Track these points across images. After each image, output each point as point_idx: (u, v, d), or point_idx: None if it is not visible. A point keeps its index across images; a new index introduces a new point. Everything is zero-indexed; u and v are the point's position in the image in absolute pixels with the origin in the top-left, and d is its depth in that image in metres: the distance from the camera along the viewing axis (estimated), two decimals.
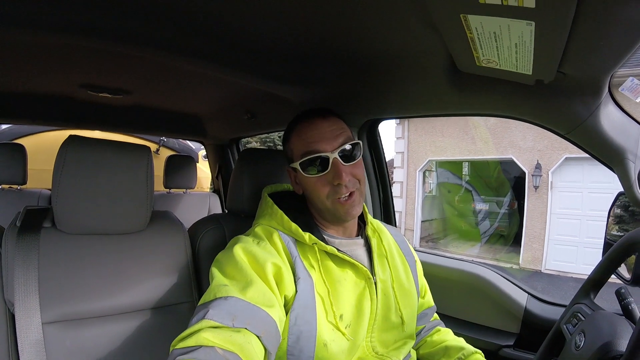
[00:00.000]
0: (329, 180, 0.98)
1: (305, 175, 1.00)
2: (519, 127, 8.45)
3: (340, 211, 0.99)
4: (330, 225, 1.07)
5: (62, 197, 1.02)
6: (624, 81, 0.98)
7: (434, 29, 0.84)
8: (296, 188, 1.09)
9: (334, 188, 0.98)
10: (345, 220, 1.04)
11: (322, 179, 0.98)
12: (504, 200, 10.25)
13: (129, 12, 0.97)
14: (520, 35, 0.69)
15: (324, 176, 0.98)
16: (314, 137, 0.99)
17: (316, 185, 0.99)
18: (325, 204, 1.00)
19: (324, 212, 1.03)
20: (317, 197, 1.01)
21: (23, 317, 0.93)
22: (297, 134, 1.03)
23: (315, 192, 1.00)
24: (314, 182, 0.99)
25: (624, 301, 0.89)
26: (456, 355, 1.12)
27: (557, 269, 8.32)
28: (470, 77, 1.03)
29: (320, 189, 0.99)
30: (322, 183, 0.98)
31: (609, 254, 0.96)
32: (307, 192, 1.05)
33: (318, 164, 0.98)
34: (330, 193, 0.98)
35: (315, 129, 1.00)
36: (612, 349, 0.74)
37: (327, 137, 0.99)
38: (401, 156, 10.80)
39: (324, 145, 0.98)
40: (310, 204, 1.09)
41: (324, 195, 0.99)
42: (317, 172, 0.98)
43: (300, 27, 1.01)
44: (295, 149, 1.03)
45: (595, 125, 0.97)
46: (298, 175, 1.04)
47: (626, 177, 0.99)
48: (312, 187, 1.00)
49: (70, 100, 2.05)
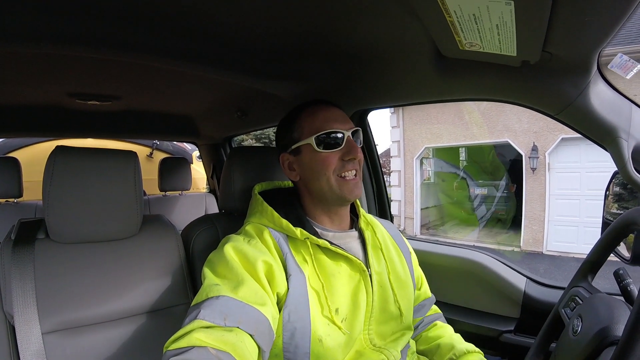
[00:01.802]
0: (340, 157, 1.01)
1: (318, 150, 1.01)
2: (513, 110, 8.43)
3: (345, 190, 1.01)
4: (324, 216, 1.07)
5: (53, 208, 1.03)
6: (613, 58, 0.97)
7: (416, 16, 0.83)
8: (292, 175, 1.09)
9: (343, 164, 1.01)
10: (347, 200, 1.05)
11: (334, 154, 1.01)
12: (502, 183, 10.25)
13: (112, 18, 0.97)
14: (501, 16, 0.67)
15: (336, 152, 1.01)
16: (330, 117, 1.04)
17: (326, 161, 1.01)
18: (330, 182, 1.01)
19: (326, 194, 1.03)
20: (323, 175, 1.01)
21: (23, 328, 0.94)
22: (307, 115, 1.06)
23: (324, 168, 1.01)
24: (325, 157, 1.01)
25: (622, 282, 0.88)
26: (447, 355, 1.12)
27: (559, 250, 8.33)
28: (456, 62, 1.02)
29: (330, 164, 1.01)
30: (332, 158, 1.01)
31: (605, 235, 0.95)
32: (310, 173, 1.05)
33: (333, 140, 1.01)
34: (337, 168, 1.01)
35: (328, 111, 1.06)
36: (610, 334, 0.72)
37: (340, 119, 1.05)
38: (397, 145, 10.77)
39: (338, 125, 1.03)
40: (307, 192, 1.08)
41: (331, 170, 1.01)
42: (332, 148, 1.01)
43: (285, 23, 1.01)
44: (307, 128, 1.04)
45: (586, 105, 0.96)
46: (301, 156, 1.05)
47: (619, 156, 0.97)
48: (321, 162, 1.01)
49: (59, 109, 2.05)
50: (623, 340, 0.61)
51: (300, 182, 1.09)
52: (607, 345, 0.72)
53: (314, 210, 1.08)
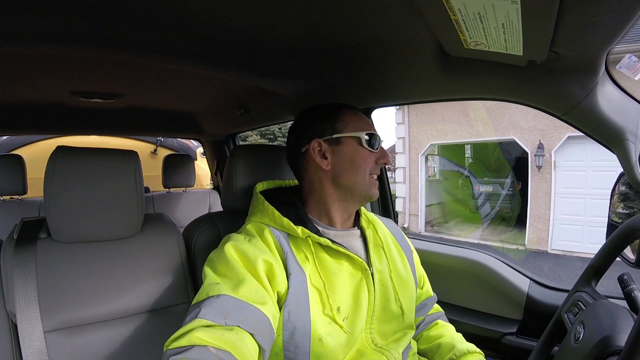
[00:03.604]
0: (376, 159, 1.07)
1: (364, 147, 1.06)
2: (519, 107, 8.35)
3: (373, 187, 1.07)
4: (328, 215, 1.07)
5: (54, 208, 1.04)
6: (621, 58, 0.95)
7: (419, 14, 0.81)
8: (322, 163, 1.06)
9: (375, 166, 1.08)
10: (371, 199, 1.09)
11: (373, 155, 1.07)
12: (507, 181, 10.20)
13: (114, 17, 0.96)
14: (507, 15, 0.65)
15: (375, 153, 1.08)
16: (370, 122, 1.13)
17: (367, 159, 1.06)
18: (364, 178, 1.05)
19: (357, 188, 1.05)
20: (362, 170, 1.05)
21: (25, 327, 0.95)
22: (353, 113, 1.12)
23: (364, 164, 1.05)
24: (367, 154, 1.06)
25: (627, 288, 0.86)
26: (447, 355, 1.11)
27: (563, 249, 8.30)
28: (461, 60, 1.01)
29: (369, 162, 1.06)
30: (372, 158, 1.07)
31: (610, 240, 0.93)
32: (347, 164, 1.06)
33: (374, 142, 1.08)
34: (372, 167, 1.07)
35: (366, 118, 1.14)
36: (612, 344, 0.71)
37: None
38: (402, 142, 10.75)
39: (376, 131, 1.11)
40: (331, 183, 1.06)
41: (367, 168, 1.06)
42: (372, 148, 1.07)
43: (287, 21, 1.00)
44: (352, 124, 1.08)
45: (593, 106, 0.94)
46: (341, 147, 1.06)
47: (626, 158, 0.95)
48: (362, 159, 1.05)
49: (62, 107, 2.06)
50: (625, 351, 0.60)
51: (328, 173, 1.06)
52: (609, 355, 0.71)
53: (316, 209, 1.08)
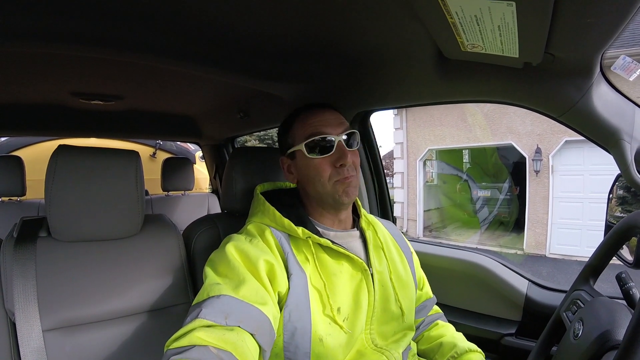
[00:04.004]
0: (332, 162, 1.00)
1: (309, 157, 1.01)
2: (517, 112, 8.40)
3: (339, 190, 1.01)
4: (325, 217, 1.08)
5: (55, 207, 1.04)
6: (616, 60, 0.96)
7: (417, 18, 0.83)
8: (290, 178, 1.11)
9: (336, 170, 1.00)
10: (341, 202, 1.03)
11: (325, 160, 1.01)
12: (505, 186, 10.22)
13: (115, 18, 0.98)
14: (502, 17, 0.67)
15: (327, 157, 1.01)
16: (320, 122, 1.03)
17: (319, 167, 1.01)
18: (325, 187, 1.01)
19: (323, 197, 1.04)
20: (318, 180, 1.02)
21: (24, 325, 0.95)
22: (301, 120, 1.06)
23: (317, 174, 1.01)
24: (317, 163, 1.01)
25: (625, 286, 0.87)
26: (449, 353, 1.11)
27: (562, 253, 8.30)
28: (458, 63, 1.02)
29: (323, 170, 1.01)
30: (325, 164, 1.01)
31: (607, 238, 0.94)
32: (305, 178, 1.06)
33: (323, 145, 1.01)
34: (332, 174, 1.01)
35: (320, 116, 1.05)
36: (611, 338, 0.72)
37: (331, 123, 1.04)
38: (400, 147, 10.77)
39: (329, 129, 1.02)
40: (305, 194, 1.09)
41: (326, 176, 1.01)
42: (322, 154, 1.01)
43: (287, 25, 1.01)
44: (299, 134, 1.05)
45: (588, 107, 0.95)
46: (296, 161, 1.06)
47: (622, 158, 0.96)
48: (314, 169, 1.02)
49: (62, 108, 2.06)
50: (624, 345, 0.61)
51: (299, 185, 1.10)
52: (608, 349, 0.72)
53: (315, 210, 1.08)
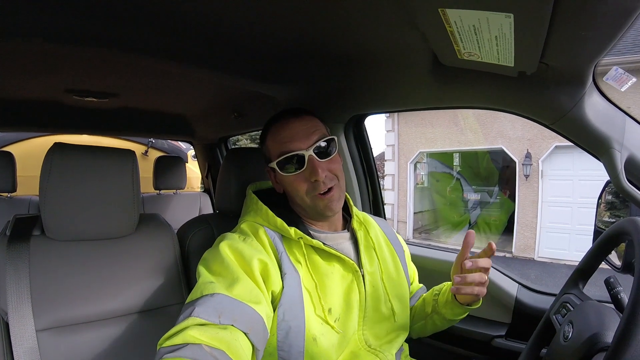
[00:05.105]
0: (306, 177, 0.99)
1: (283, 174, 1.01)
2: (507, 117, 8.46)
3: (320, 206, 1.00)
4: (314, 221, 1.08)
5: (50, 205, 1.03)
6: (609, 70, 0.98)
7: (414, 24, 0.83)
8: (277, 187, 1.10)
9: (312, 185, 0.99)
10: (325, 216, 1.04)
11: (299, 177, 1.00)
12: (494, 189, 10.30)
13: (112, 16, 0.97)
14: (500, 28, 0.68)
15: (301, 174, 0.99)
16: (288, 136, 1.01)
17: (294, 183, 1.00)
18: (305, 201, 1.01)
19: (306, 209, 1.04)
20: (296, 195, 1.02)
21: (17, 325, 0.94)
22: (271, 135, 1.05)
23: (295, 190, 1.01)
24: (292, 180, 1.00)
25: (613, 290, 0.89)
26: (431, 298, 1.16)
27: (550, 257, 8.38)
28: (453, 70, 1.03)
29: (299, 186, 1.00)
30: (300, 181, 1.00)
31: (597, 243, 0.96)
32: (287, 191, 1.06)
33: (294, 162, 0.99)
34: (308, 190, 1.00)
35: (288, 129, 1.02)
36: (600, 341, 0.74)
37: (300, 136, 1.00)
38: (392, 149, 10.78)
39: (298, 144, 0.99)
40: (291, 202, 1.09)
41: (303, 192, 1.00)
42: (295, 170, 0.99)
43: (283, 27, 1.01)
44: (272, 150, 1.04)
45: (580, 115, 0.97)
46: (277, 174, 1.04)
47: (612, 166, 0.98)
48: (290, 185, 1.02)
49: (56, 105, 2.04)
50: (613, 347, 0.62)
51: (286, 194, 1.09)
52: (597, 351, 0.73)
53: (304, 216, 1.08)
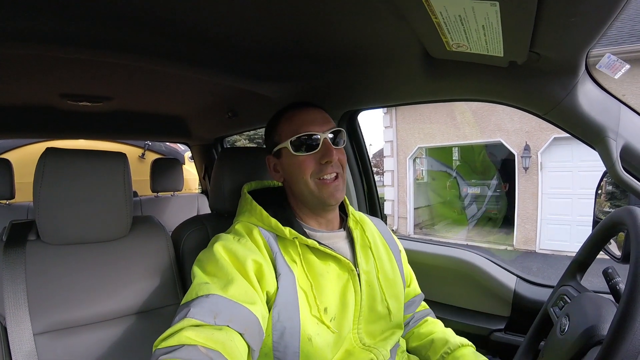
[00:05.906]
0: (317, 159, 1.01)
1: (295, 154, 1.01)
2: (505, 110, 8.46)
3: (324, 193, 1.01)
4: (311, 218, 1.08)
5: (44, 210, 1.03)
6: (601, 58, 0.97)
7: (402, 17, 0.83)
8: (276, 177, 1.11)
9: (321, 167, 1.01)
10: (328, 204, 1.04)
11: (310, 158, 1.01)
12: (494, 183, 10.30)
13: (103, 19, 0.97)
14: (486, 17, 0.67)
15: (312, 155, 1.01)
16: (306, 120, 1.03)
17: (303, 164, 1.01)
18: (309, 186, 1.01)
19: (307, 197, 1.04)
20: (301, 178, 1.02)
21: (14, 329, 0.95)
22: (287, 118, 1.06)
23: (302, 172, 1.01)
24: (302, 160, 1.01)
25: (611, 281, 0.88)
26: (441, 350, 1.12)
27: (551, 249, 8.40)
28: (444, 62, 1.03)
29: (307, 167, 1.01)
30: (309, 161, 1.01)
31: (593, 234, 0.95)
32: (290, 176, 1.06)
33: (309, 143, 1.01)
34: (315, 171, 1.01)
35: (306, 114, 1.05)
36: (596, 334, 0.72)
37: (318, 121, 1.04)
38: (390, 145, 10.79)
39: (315, 127, 1.02)
40: (291, 193, 1.09)
41: (309, 173, 1.01)
42: (307, 151, 1.01)
43: (274, 25, 1.01)
44: (285, 132, 1.04)
45: (574, 105, 0.96)
46: (282, 159, 1.06)
47: (608, 155, 0.97)
48: (298, 166, 1.02)
49: (50, 110, 2.04)
50: (607, 341, 0.61)
51: (285, 184, 1.10)
52: (593, 344, 0.72)
53: (301, 211, 1.08)
